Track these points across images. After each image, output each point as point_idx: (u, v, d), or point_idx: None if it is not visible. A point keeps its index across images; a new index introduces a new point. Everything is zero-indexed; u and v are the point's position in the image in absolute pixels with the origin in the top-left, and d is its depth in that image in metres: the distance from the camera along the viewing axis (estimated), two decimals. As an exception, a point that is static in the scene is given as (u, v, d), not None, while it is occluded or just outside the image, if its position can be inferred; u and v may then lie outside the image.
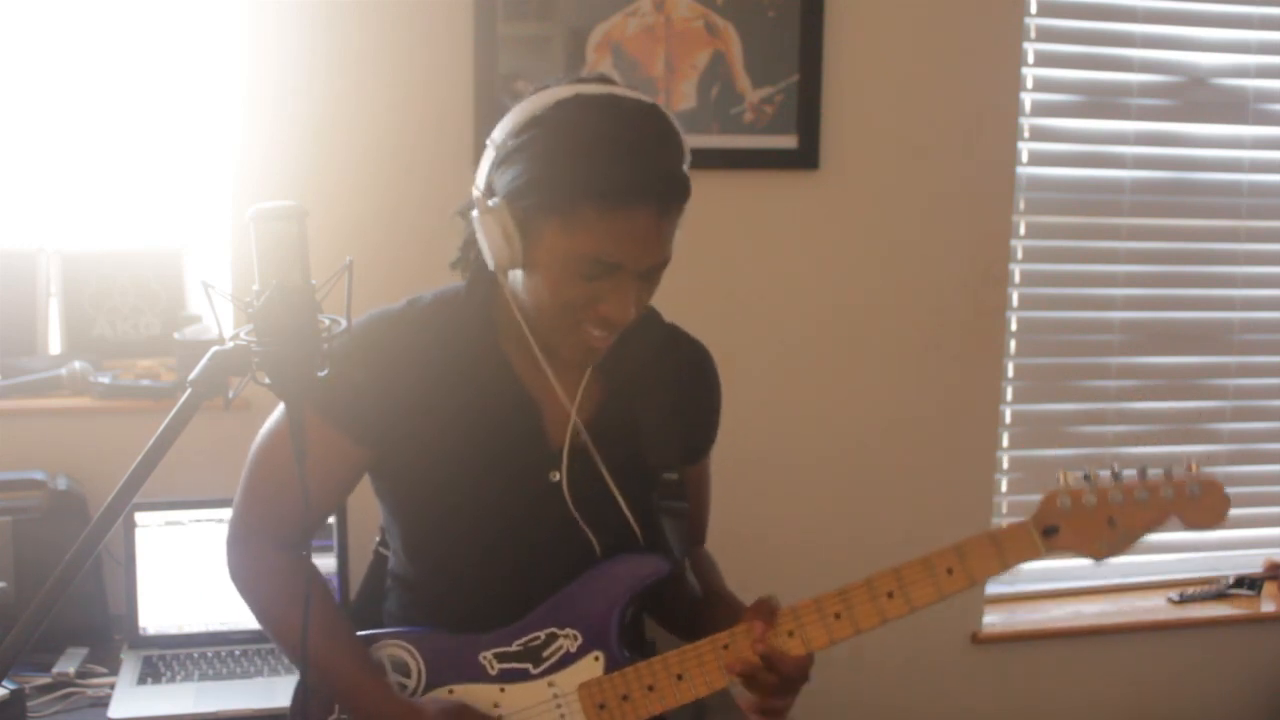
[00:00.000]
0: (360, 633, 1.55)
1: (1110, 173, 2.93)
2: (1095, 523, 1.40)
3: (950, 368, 2.82)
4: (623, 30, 2.53)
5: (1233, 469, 3.12)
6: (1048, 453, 2.98)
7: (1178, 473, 1.41)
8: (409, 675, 1.53)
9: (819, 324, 2.75)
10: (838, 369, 2.77)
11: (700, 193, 1.43)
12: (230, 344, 1.21)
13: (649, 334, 1.56)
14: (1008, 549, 1.41)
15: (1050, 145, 2.88)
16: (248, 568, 1.56)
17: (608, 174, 1.33)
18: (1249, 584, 3.08)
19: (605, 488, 1.51)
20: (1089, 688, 3.03)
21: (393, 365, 1.49)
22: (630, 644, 1.54)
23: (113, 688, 2.08)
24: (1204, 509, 1.40)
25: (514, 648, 1.51)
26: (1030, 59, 2.81)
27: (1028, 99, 2.83)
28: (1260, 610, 3.06)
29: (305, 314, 1.19)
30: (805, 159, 2.64)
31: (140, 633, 2.23)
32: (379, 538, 1.72)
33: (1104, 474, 1.41)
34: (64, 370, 2.44)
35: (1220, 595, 3.08)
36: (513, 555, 1.52)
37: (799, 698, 1.48)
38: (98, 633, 2.25)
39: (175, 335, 2.44)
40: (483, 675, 1.51)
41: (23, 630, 1.16)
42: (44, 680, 2.09)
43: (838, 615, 1.43)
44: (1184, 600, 3.07)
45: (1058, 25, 2.82)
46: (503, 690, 1.51)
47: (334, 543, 2.26)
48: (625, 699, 1.49)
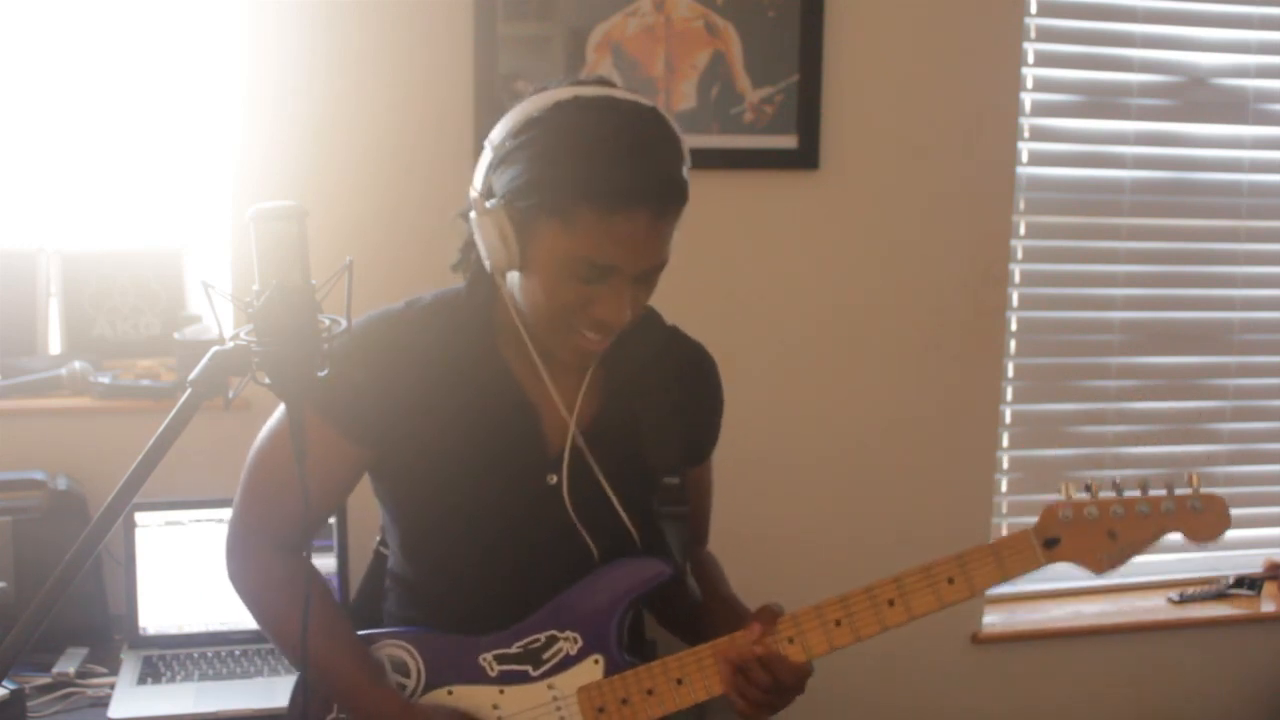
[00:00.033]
0: (360, 632, 1.55)
1: (1110, 173, 2.92)
2: (1096, 535, 1.39)
3: (950, 368, 2.82)
4: (623, 30, 2.53)
5: (1233, 469, 3.12)
6: (1048, 453, 2.97)
7: (1180, 487, 1.41)
8: (408, 675, 1.53)
9: (819, 324, 2.75)
10: (838, 369, 2.77)
11: (700, 193, 1.43)
12: (230, 344, 1.21)
13: (649, 336, 1.56)
14: (1008, 559, 1.41)
15: (1050, 145, 2.88)
16: (247, 569, 1.56)
17: (605, 176, 1.33)
18: (1249, 584, 3.08)
19: (604, 491, 1.51)
20: (1089, 688, 3.03)
21: (392, 366, 1.48)
22: (630, 648, 1.54)
23: (113, 688, 2.08)
24: (1205, 524, 1.40)
25: (514, 649, 1.51)
26: (1030, 59, 2.81)
27: (1028, 99, 2.82)
28: (1260, 610, 3.06)
29: (305, 314, 1.19)
30: (805, 159, 2.64)
31: (140, 633, 2.23)
32: (379, 537, 1.72)
33: (1106, 493, 1.40)
34: (64, 370, 2.44)
35: (1220, 595, 3.08)
36: (511, 557, 1.52)
37: (799, 698, 1.48)
38: (98, 633, 2.25)
39: (175, 335, 2.44)
40: (482, 677, 1.51)
41: (23, 630, 1.16)
42: (44, 680, 2.09)
43: (838, 622, 1.43)
44: (1184, 600, 3.06)
45: (1058, 25, 2.82)
46: (502, 692, 1.51)
47: (334, 543, 2.26)
48: (624, 703, 1.49)
